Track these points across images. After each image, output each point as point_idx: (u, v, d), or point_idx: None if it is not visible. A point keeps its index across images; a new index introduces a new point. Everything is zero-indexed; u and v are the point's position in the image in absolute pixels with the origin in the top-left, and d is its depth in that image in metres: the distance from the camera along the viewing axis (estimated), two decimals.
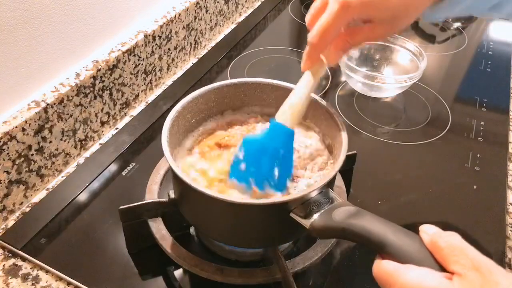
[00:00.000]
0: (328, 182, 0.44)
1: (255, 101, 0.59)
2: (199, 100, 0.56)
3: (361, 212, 0.40)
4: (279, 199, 0.43)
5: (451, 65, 0.97)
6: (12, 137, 0.56)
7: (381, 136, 0.76)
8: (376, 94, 0.85)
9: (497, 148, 0.74)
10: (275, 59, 0.95)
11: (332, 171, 0.46)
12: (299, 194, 0.43)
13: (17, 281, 0.52)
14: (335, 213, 0.41)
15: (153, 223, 0.53)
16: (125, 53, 0.73)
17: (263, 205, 0.43)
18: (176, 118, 0.52)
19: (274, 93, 0.58)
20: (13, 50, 0.56)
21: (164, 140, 0.48)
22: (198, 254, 0.51)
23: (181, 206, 0.51)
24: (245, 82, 0.58)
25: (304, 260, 0.50)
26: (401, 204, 0.64)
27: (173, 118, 0.51)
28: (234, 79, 0.58)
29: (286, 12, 1.14)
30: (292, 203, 0.43)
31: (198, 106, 0.56)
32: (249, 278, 0.49)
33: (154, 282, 0.53)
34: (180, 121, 0.53)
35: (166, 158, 0.46)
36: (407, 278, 0.32)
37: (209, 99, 0.57)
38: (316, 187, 0.44)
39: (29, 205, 0.62)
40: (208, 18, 0.96)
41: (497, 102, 0.85)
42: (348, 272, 0.55)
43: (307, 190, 0.44)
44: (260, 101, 0.59)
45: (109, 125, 0.75)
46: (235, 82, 0.58)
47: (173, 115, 0.51)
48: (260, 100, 0.59)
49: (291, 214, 0.43)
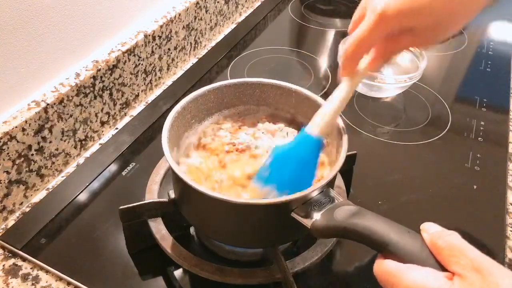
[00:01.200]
0: (328, 181, 0.44)
1: (253, 101, 0.59)
2: (199, 101, 0.56)
3: (363, 211, 0.40)
4: (280, 199, 0.43)
5: (451, 65, 0.97)
6: (12, 137, 0.56)
7: (381, 136, 0.76)
8: (376, 94, 0.85)
9: (497, 148, 0.74)
10: (275, 59, 0.95)
11: (333, 171, 0.46)
12: (300, 194, 0.43)
13: (17, 281, 0.52)
14: (337, 213, 0.41)
15: (153, 223, 0.53)
16: (125, 53, 0.73)
17: (264, 205, 0.43)
18: (175, 118, 0.52)
19: (273, 92, 0.58)
20: (13, 50, 0.56)
21: (164, 140, 0.48)
22: (198, 254, 0.51)
23: (182, 207, 0.52)
24: (244, 82, 0.58)
25: (304, 260, 0.50)
26: (401, 204, 0.64)
27: (173, 118, 0.51)
28: (234, 79, 0.59)
29: (286, 12, 1.14)
30: (293, 203, 0.43)
31: (197, 107, 0.56)
32: (249, 278, 0.49)
33: (154, 282, 0.53)
34: (179, 121, 0.53)
35: (167, 158, 0.46)
36: (410, 279, 0.32)
37: (209, 99, 0.57)
38: (317, 187, 0.44)
39: (29, 205, 0.62)
40: (208, 18, 0.96)
41: (497, 102, 0.85)
42: (348, 272, 0.55)
43: (308, 190, 0.44)
44: (259, 101, 0.59)
45: (109, 125, 0.75)
46: (234, 82, 0.58)
47: (173, 116, 0.52)
48: (259, 100, 0.59)
49: (292, 214, 0.43)
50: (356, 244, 0.56)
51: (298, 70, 0.94)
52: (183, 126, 0.55)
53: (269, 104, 0.59)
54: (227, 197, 0.44)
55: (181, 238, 0.53)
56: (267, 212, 0.45)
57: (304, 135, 0.47)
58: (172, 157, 0.46)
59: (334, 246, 0.53)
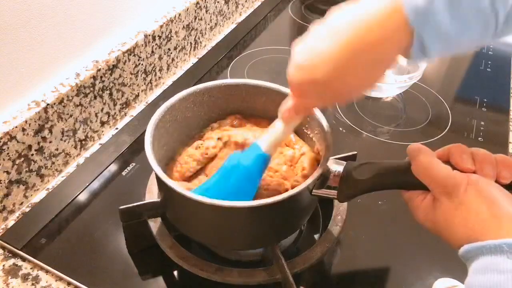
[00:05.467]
0: (330, 153, 0.47)
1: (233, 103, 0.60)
2: (182, 104, 0.56)
3: (372, 162, 0.45)
4: (302, 186, 0.44)
5: (451, 65, 0.97)
6: (12, 137, 0.56)
7: (381, 136, 0.76)
8: (376, 94, 0.85)
9: (497, 148, 0.74)
10: (275, 59, 0.95)
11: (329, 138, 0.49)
12: (317, 172, 0.45)
13: (17, 281, 0.52)
14: (355, 173, 0.45)
15: (153, 223, 0.53)
16: (125, 53, 0.73)
17: (288, 197, 0.44)
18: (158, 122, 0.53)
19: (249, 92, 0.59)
20: (13, 50, 0.56)
21: (147, 142, 0.48)
22: (198, 254, 0.51)
23: (174, 220, 0.51)
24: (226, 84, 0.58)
25: (304, 260, 0.51)
26: (401, 204, 0.63)
27: (155, 122, 0.52)
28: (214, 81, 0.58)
29: (286, 12, 1.14)
30: (311, 185, 0.45)
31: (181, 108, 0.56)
32: (249, 278, 0.49)
33: (154, 282, 0.53)
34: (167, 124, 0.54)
35: (150, 162, 0.46)
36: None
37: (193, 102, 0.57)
38: (325, 160, 0.46)
39: (29, 205, 0.62)
40: (208, 18, 0.96)
41: (497, 102, 0.85)
42: (348, 272, 0.55)
43: (321, 166, 0.46)
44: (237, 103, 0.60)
45: (109, 125, 0.75)
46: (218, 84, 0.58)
47: (155, 121, 0.52)
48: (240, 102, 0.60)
49: (313, 193, 0.46)
50: (356, 244, 0.56)
51: None
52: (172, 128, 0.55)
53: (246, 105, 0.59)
54: (235, 203, 0.44)
55: (181, 238, 0.53)
56: (290, 200, 0.45)
57: (256, 148, 0.47)
58: (155, 160, 0.46)
59: (334, 246, 0.53)
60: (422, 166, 0.39)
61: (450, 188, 0.37)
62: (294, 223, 0.51)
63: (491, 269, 0.31)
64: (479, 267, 0.32)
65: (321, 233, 0.57)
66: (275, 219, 0.48)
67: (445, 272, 0.54)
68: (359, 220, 0.59)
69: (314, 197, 0.47)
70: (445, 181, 0.37)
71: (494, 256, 0.31)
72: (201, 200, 0.42)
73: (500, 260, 0.30)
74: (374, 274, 0.55)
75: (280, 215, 0.47)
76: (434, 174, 0.38)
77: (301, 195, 0.46)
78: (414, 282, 0.53)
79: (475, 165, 0.38)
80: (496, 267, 0.30)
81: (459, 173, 0.38)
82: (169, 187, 0.44)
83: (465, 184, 0.36)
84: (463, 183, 0.36)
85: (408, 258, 0.56)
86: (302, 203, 0.49)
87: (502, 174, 0.38)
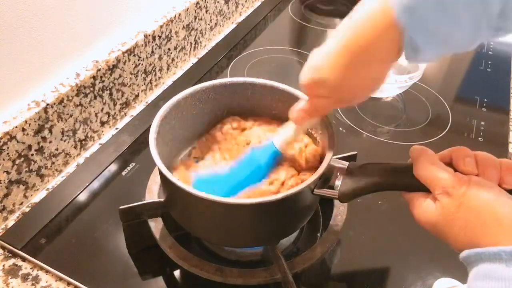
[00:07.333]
0: (332, 155, 0.47)
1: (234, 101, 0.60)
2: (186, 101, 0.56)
3: (372, 163, 0.46)
4: (301, 186, 0.44)
5: (451, 65, 0.97)
6: (12, 137, 0.56)
7: (381, 136, 0.76)
8: (376, 94, 0.84)
9: (497, 148, 0.74)
10: (275, 59, 0.95)
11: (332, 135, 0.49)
12: (318, 172, 0.45)
13: (17, 281, 0.52)
14: (357, 173, 0.45)
15: (153, 223, 0.53)
16: (125, 53, 0.73)
17: (289, 195, 0.44)
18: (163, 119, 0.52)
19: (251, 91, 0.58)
20: (13, 50, 0.56)
21: (151, 138, 0.49)
22: (198, 254, 0.51)
23: (176, 216, 0.52)
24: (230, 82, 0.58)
25: (304, 260, 0.50)
26: (401, 204, 0.63)
27: (160, 119, 0.52)
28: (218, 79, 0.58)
29: (286, 12, 1.14)
30: (312, 184, 0.45)
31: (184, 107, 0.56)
32: (249, 278, 0.49)
33: (154, 282, 0.53)
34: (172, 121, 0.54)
35: (155, 161, 0.46)
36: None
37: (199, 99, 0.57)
38: (328, 160, 0.46)
39: (29, 205, 0.62)
40: (208, 18, 0.96)
41: (497, 102, 0.85)
42: (348, 272, 0.55)
43: (323, 165, 0.46)
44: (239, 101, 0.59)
45: (109, 125, 0.75)
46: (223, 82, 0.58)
47: (159, 118, 0.52)
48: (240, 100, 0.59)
49: (315, 192, 0.46)
50: (356, 244, 0.56)
51: (298, 70, 0.93)
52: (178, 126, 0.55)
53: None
54: (242, 200, 0.44)
55: (181, 238, 0.53)
56: (293, 197, 0.45)
57: (271, 147, 0.50)
58: (159, 157, 0.47)
59: (334, 246, 0.53)
60: (424, 168, 0.39)
61: (451, 190, 0.37)
62: (296, 221, 0.51)
63: (490, 277, 0.31)
64: (478, 273, 0.32)
65: (321, 233, 0.57)
66: (277, 217, 0.47)
67: (445, 272, 0.54)
68: (359, 220, 0.59)
69: (316, 196, 0.47)
70: (446, 183, 0.37)
71: (493, 263, 0.31)
72: (204, 197, 0.42)
73: (498, 267, 0.31)
74: (374, 274, 0.55)
75: (282, 212, 0.47)
76: (436, 176, 0.38)
77: (303, 193, 0.46)
78: (414, 282, 0.53)
79: (477, 168, 0.38)
80: (495, 275, 0.30)
81: (461, 175, 0.38)
82: (172, 182, 0.44)
83: (466, 186, 0.36)
84: (464, 185, 0.36)
85: (408, 258, 0.56)
86: (304, 201, 0.49)
87: (506, 179, 0.37)
